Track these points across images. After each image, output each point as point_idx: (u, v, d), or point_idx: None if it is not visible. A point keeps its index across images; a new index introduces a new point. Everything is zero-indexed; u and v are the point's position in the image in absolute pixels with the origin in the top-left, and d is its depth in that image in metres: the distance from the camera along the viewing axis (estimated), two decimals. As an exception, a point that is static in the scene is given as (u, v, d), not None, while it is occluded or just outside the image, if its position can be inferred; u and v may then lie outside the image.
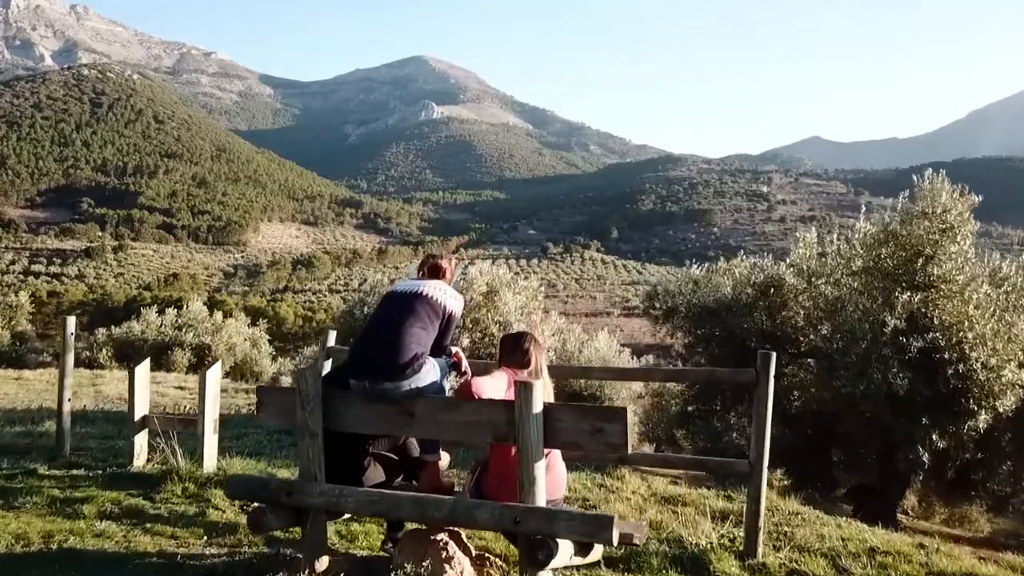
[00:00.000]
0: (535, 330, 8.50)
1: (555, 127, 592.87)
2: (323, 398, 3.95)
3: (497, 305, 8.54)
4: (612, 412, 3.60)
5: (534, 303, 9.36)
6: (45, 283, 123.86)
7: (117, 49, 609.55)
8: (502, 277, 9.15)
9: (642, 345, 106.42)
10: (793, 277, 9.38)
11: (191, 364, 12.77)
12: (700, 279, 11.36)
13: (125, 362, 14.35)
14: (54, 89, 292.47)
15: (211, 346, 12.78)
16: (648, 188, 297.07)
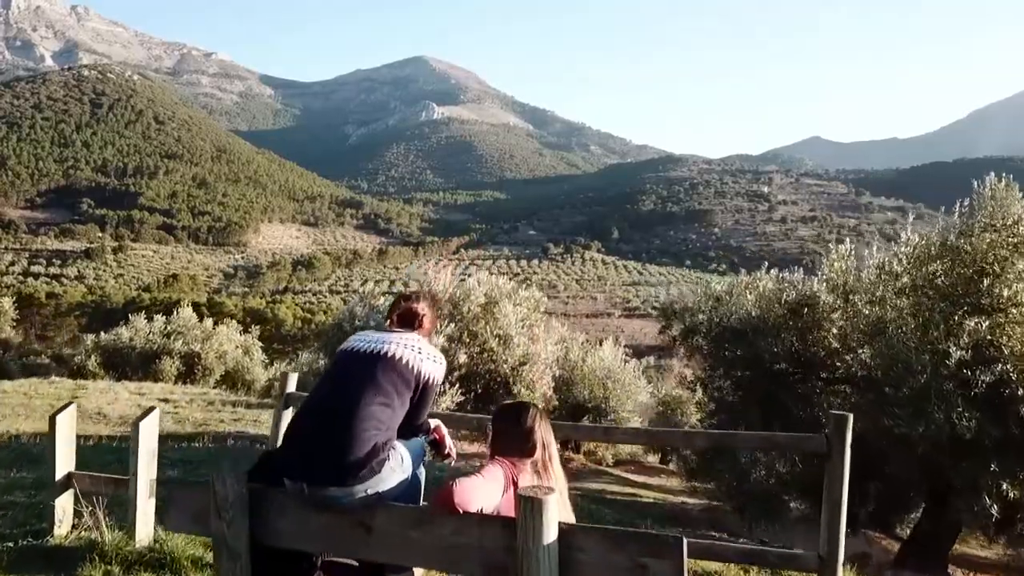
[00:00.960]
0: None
1: (555, 127, 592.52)
2: (250, 502, 2.89)
3: (497, 317, 8.03)
4: (661, 544, 2.49)
5: (536, 315, 8.84)
6: (44, 284, 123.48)
7: (118, 50, 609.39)
8: (502, 287, 8.64)
9: (643, 347, 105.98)
10: (827, 294, 8.50)
11: (180, 373, 12.33)
12: (722, 295, 10.37)
13: (114, 370, 13.91)
14: (54, 90, 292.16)
15: (200, 354, 12.32)
16: (649, 188, 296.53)
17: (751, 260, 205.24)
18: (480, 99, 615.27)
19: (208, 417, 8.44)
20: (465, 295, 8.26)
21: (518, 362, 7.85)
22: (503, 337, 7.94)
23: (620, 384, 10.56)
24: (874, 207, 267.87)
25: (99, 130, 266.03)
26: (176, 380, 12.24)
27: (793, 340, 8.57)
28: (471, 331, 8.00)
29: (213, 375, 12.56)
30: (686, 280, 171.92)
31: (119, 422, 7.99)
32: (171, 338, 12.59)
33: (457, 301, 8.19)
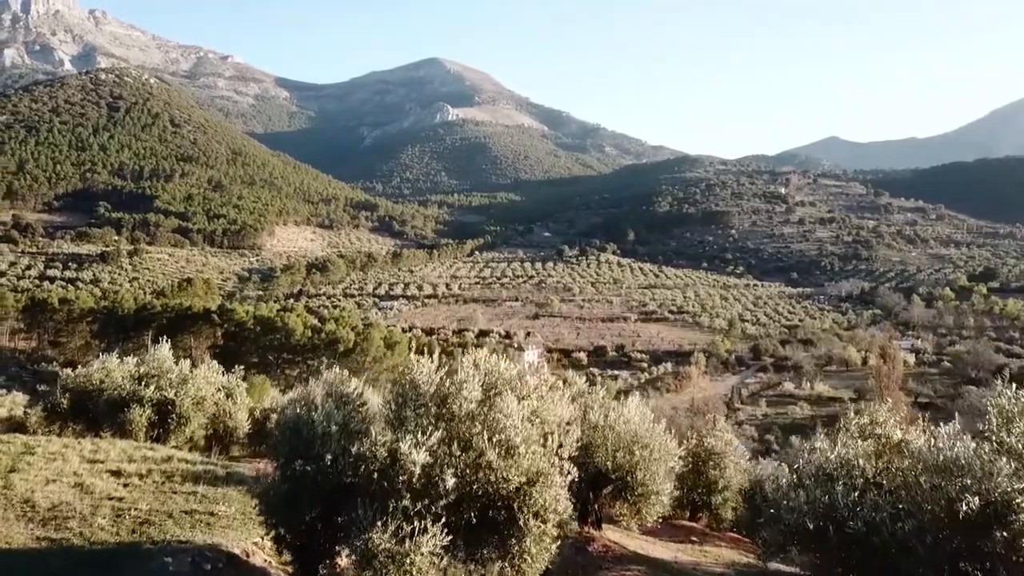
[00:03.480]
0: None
1: (570, 128, 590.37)
2: None
3: (498, 418, 6.38)
4: None
5: (559, 407, 7.12)
6: (60, 288, 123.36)
7: (135, 53, 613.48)
8: (503, 372, 6.97)
9: (660, 352, 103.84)
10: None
11: (152, 423, 10.93)
12: (835, 471, 7.15)
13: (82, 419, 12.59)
14: (72, 93, 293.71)
15: (175, 401, 10.92)
16: (664, 189, 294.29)
17: (768, 262, 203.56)
18: (495, 100, 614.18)
19: (156, 508, 7.08)
20: (456, 388, 6.63)
21: (526, 480, 6.18)
22: (505, 445, 6.27)
23: (649, 450, 9.03)
24: (893, 208, 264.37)
25: (116, 133, 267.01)
26: (149, 431, 10.85)
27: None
28: (463, 439, 6.32)
29: (190, 424, 11.16)
30: (703, 283, 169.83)
31: (47, 518, 6.64)
32: (142, 383, 11.19)
33: (445, 396, 6.60)
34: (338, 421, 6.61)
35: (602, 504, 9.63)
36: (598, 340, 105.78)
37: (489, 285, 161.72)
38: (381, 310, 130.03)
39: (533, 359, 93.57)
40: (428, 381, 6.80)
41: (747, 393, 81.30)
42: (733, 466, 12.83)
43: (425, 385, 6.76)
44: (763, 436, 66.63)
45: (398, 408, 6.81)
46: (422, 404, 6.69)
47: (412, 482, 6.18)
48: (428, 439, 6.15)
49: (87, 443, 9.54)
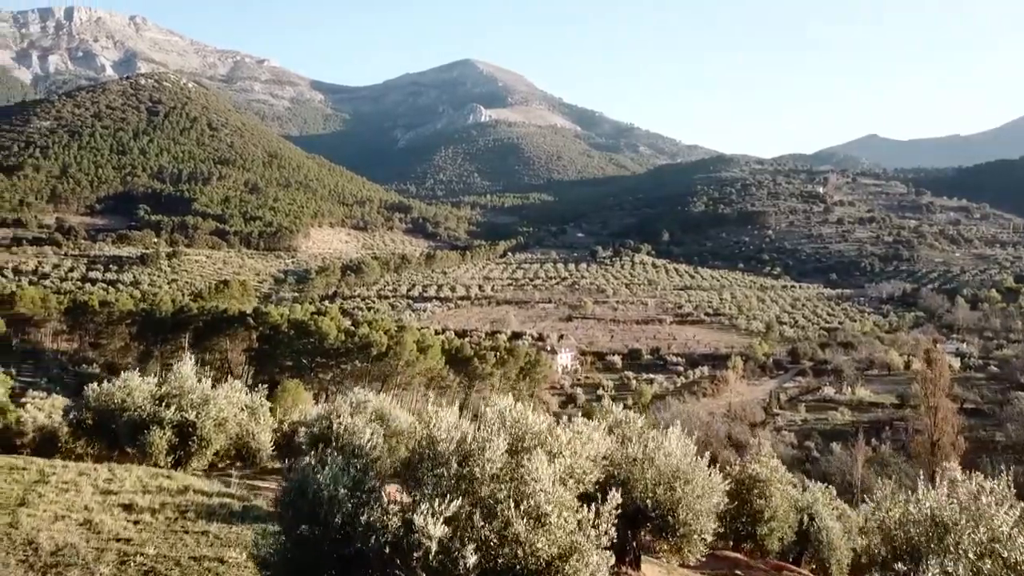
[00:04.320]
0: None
1: (603, 128, 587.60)
2: None
3: (525, 478, 5.65)
4: None
5: (588, 465, 6.41)
6: (101, 290, 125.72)
7: (174, 58, 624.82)
8: (532, 425, 6.23)
9: (696, 355, 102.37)
10: None
11: (172, 447, 10.56)
12: None
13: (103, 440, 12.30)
14: (113, 98, 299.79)
15: (196, 423, 10.54)
16: (699, 189, 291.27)
17: (806, 263, 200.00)
18: (527, 101, 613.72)
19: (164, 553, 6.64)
20: (478, 447, 5.92)
21: (558, 553, 5.42)
22: (535, 513, 5.50)
23: (692, 486, 8.36)
24: (935, 207, 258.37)
25: (155, 137, 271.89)
26: (169, 453, 10.48)
27: None
28: (486, 505, 5.58)
29: (211, 447, 10.77)
30: (740, 284, 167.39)
31: (49, 564, 6.23)
32: (163, 403, 10.84)
33: (467, 454, 5.89)
34: (347, 484, 6.01)
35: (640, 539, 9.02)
36: (633, 343, 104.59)
37: (522, 287, 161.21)
38: (414, 312, 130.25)
39: (566, 362, 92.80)
40: (447, 437, 6.18)
41: (786, 398, 79.68)
42: (779, 494, 12.12)
43: (444, 442, 6.14)
44: (803, 442, 65.16)
45: (414, 467, 6.25)
46: (441, 463, 6.08)
47: (428, 559, 5.54)
48: (446, 508, 5.48)
49: (103, 470, 9.19)
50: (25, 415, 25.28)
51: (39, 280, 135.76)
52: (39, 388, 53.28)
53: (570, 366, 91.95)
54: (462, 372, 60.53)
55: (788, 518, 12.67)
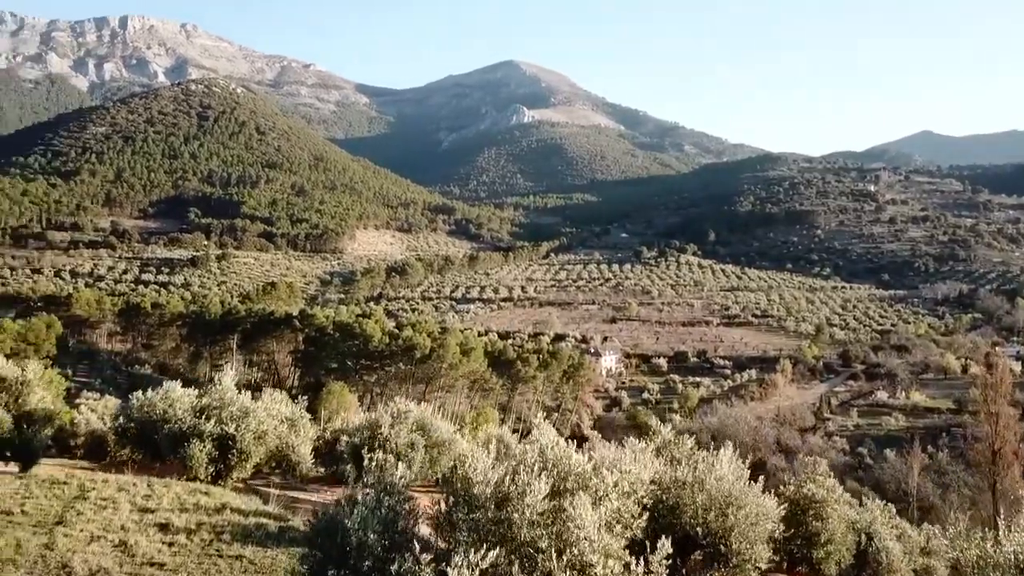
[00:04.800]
0: None
1: (647, 128, 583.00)
2: None
3: (568, 525, 5.17)
4: None
5: (637, 509, 5.90)
6: (153, 292, 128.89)
7: (223, 64, 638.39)
8: (575, 465, 5.73)
9: (744, 358, 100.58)
10: None
11: (212, 459, 10.47)
12: None
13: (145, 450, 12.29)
14: (165, 104, 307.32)
15: (235, 436, 10.43)
16: (746, 189, 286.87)
17: (857, 263, 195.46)
18: (570, 101, 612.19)
19: (196, 580, 6.48)
20: (517, 491, 5.68)
21: None
22: (579, 564, 5.03)
23: (745, 512, 7.86)
24: (993, 205, 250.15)
25: (205, 142, 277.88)
26: (208, 466, 10.39)
27: None
28: (525, 553, 5.25)
29: (250, 460, 10.65)
30: (788, 285, 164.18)
31: (81, 592, 6.12)
32: (203, 416, 10.76)
33: (505, 498, 5.47)
34: (376, 528, 5.65)
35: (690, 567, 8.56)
36: (678, 345, 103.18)
37: (565, 288, 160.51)
38: (458, 313, 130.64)
39: (611, 365, 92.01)
40: (484, 480, 5.81)
41: (837, 402, 77.73)
42: (836, 515, 11.51)
43: (480, 485, 5.76)
44: (855, 448, 63.47)
45: (448, 511, 5.89)
46: (477, 507, 5.71)
47: (463, 614, 5.13)
48: (482, 559, 5.09)
49: (142, 486, 9.12)
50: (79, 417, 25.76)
51: (95, 282, 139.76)
52: (93, 389, 54.65)
53: (614, 369, 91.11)
54: (505, 375, 60.30)
55: (846, 540, 12.06)
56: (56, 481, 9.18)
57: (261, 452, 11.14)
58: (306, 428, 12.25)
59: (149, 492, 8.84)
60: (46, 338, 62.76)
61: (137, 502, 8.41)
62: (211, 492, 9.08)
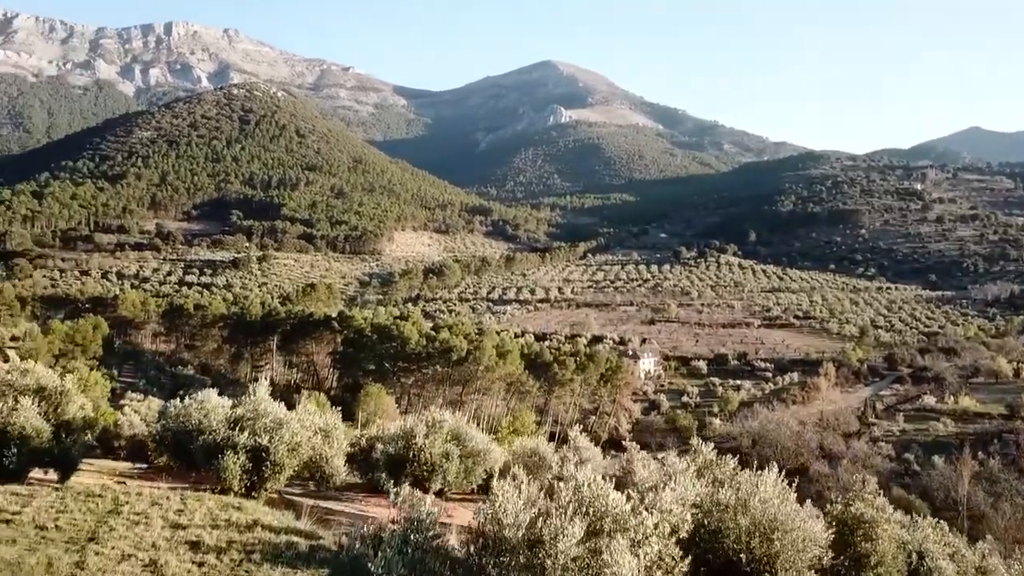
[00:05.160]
0: None
1: (686, 126, 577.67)
2: None
3: (605, 572, 4.74)
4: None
5: (678, 552, 5.52)
6: (196, 293, 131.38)
7: (264, 68, 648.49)
8: (612, 505, 5.36)
9: (785, 360, 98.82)
10: None
11: (245, 471, 10.41)
12: None
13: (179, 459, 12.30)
14: (208, 109, 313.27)
15: (269, 447, 10.37)
16: (788, 188, 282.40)
17: (903, 263, 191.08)
18: (608, 101, 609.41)
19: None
20: (551, 534, 5.32)
21: None
22: None
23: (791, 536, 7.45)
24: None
25: (247, 145, 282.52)
26: (242, 477, 10.34)
27: None
28: None
29: (284, 472, 10.58)
30: (831, 286, 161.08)
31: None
32: (236, 427, 10.73)
33: (537, 540, 5.16)
34: (402, 573, 5.41)
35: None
36: (718, 347, 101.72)
37: (602, 289, 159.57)
38: (494, 314, 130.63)
39: (649, 367, 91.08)
40: (515, 523, 5.51)
41: (882, 407, 75.77)
42: (887, 536, 10.99)
43: (511, 528, 5.46)
44: (901, 454, 61.77)
45: (478, 554, 5.63)
46: (507, 550, 5.44)
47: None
48: None
49: (175, 499, 9.06)
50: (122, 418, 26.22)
51: (140, 284, 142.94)
52: (137, 390, 55.74)
53: (653, 371, 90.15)
54: (541, 377, 60.01)
55: (896, 562, 11.56)
56: (91, 494, 9.18)
57: (295, 463, 11.06)
58: (340, 439, 12.14)
59: (182, 507, 8.77)
60: (93, 339, 64.26)
61: (169, 517, 8.35)
62: (243, 507, 9.00)
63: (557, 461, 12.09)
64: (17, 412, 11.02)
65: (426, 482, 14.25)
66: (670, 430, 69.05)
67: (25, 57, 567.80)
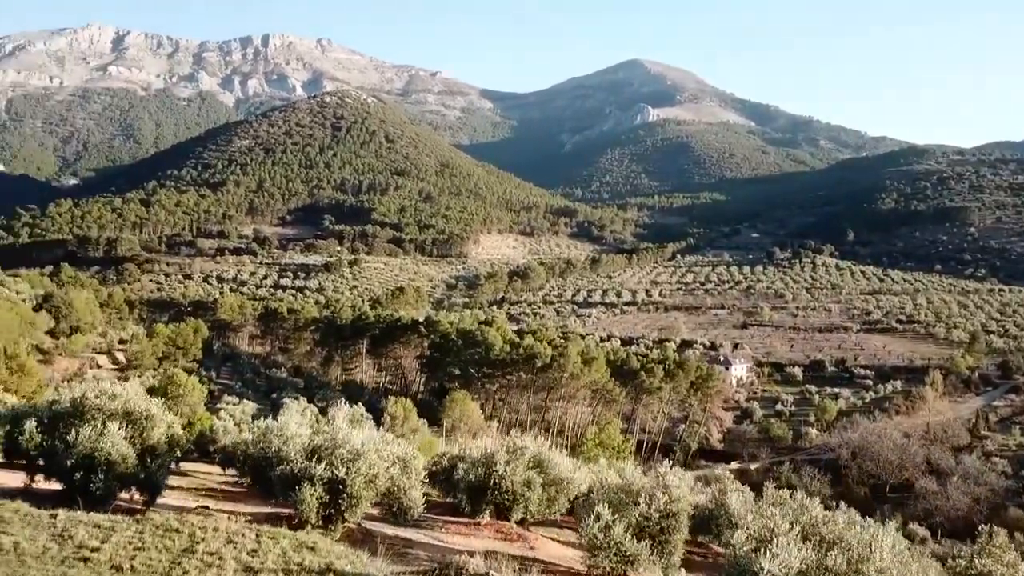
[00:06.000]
0: None
1: (779, 123, 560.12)
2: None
3: None
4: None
5: None
6: (291, 297, 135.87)
7: (355, 75, 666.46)
8: None
9: (887, 367, 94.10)
10: None
11: (322, 503, 10.16)
12: None
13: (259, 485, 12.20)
14: (301, 117, 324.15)
15: (346, 480, 10.08)
16: (888, 185, 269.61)
17: (1017, 264, 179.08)
18: (697, 98, 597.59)
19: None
20: None
21: None
22: None
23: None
24: None
25: (339, 151, 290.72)
26: (318, 511, 10.09)
27: None
28: None
29: (360, 505, 10.28)
30: (937, 288, 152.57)
31: None
32: (314, 458, 10.49)
33: None
34: None
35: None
36: (815, 353, 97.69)
37: (692, 291, 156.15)
38: (579, 318, 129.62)
39: (741, 374, 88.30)
40: None
41: (996, 418, 71.06)
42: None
43: None
44: (1018, 471, 57.68)
45: None
46: None
47: None
48: None
49: (250, 537, 8.85)
50: (217, 424, 26.92)
51: (238, 287, 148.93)
52: (233, 392, 57.65)
53: (745, 378, 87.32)
54: (628, 385, 58.85)
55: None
56: (169, 528, 9.07)
57: (371, 496, 10.75)
58: (418, 469, 11.77)
59: (256, 546, 8.54)
60: (193, 342, 66.98)
61: (242, 559, 8.12)
62: (318, 548, 8.69)
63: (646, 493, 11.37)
64: (104, 437, 11.12)
65: (507, 511, 13.79)
66: (763, 440, 66.65)
67: (135, 72, 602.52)
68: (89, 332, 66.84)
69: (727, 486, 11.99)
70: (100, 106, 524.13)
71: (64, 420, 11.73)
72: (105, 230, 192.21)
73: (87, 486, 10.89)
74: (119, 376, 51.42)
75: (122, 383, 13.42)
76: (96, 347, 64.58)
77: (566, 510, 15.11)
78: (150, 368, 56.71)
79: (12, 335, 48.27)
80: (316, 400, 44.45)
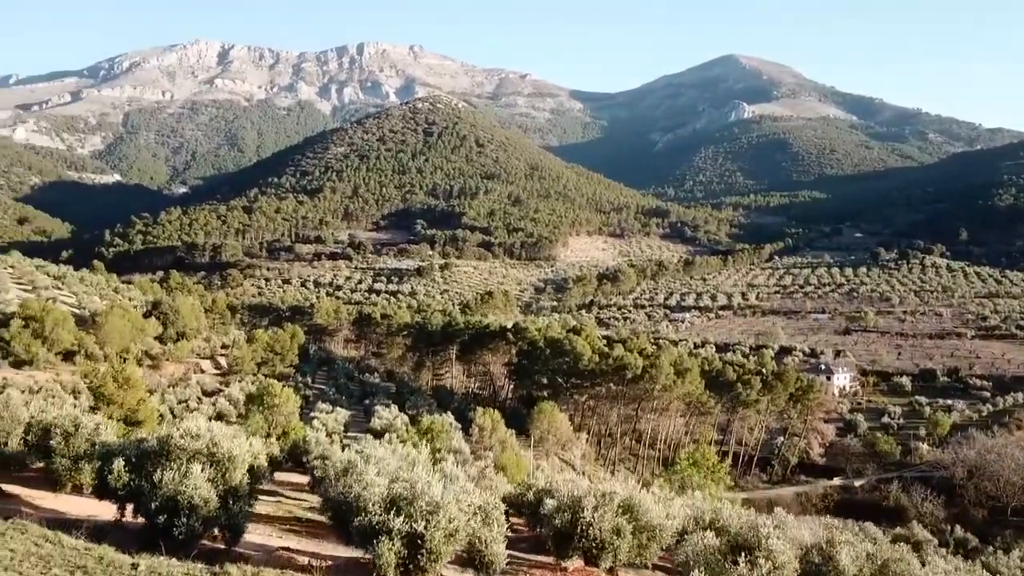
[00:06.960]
0: None
1: (883, 116, 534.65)
2: None
3: None
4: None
5: None
6: (384, 301, 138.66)
7: (446, 80, 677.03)
8: None
9: (1008, 378, 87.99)
10: None
11: (401, 559, 9.74)
12: None
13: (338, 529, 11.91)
14: (394, 123, 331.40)
15: (424, 534, 9.63)
16: (1007, 179, 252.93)
17: None
18: (795, 93, 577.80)
19: None
20: None
21: None
22: None
23: None
24: None
25: (430, 156, 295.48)
26: (397, 566, 9.68)
27: None
28: None
29: (440, 560, 9.81)
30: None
31: None
32: (392, 510, 10.08)
33: None
34: None
35: None
36: (925, 361, 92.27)
37: (791, 294, 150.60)
38: (672, 322, 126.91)
39: (844, 383, 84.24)
40: None
41: None
42: None
43: None
44: None
45: None
46: None
47: None
48: None
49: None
50: (310, 435, 27.27)
51: (334, 291, 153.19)
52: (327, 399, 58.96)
53: (848, 388, 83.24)
54: (723, 396, 56.87)
55: None
56: None
57: (451, 551, 10.26)
58: (500, 521, 11.19)
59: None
60: (290, 348, 68.93)
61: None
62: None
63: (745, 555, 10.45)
64: (188, 479, 11.05)
65: (595, 559, 13.14)
66: (868, 455, 63.20)
67: (239, 84, 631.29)
68: (194, 337, 69.72)
69: (835, 536, 10.93)
70: (207, 117, 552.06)
71: (151, 459, 11.78)
72: (211, 237, 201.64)
73: (170, 528, 10.89)
74: (220, 381, 53.51)
75: (213, 411, 13.41)
76: (200, 352, 67.29)
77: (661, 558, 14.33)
78: (249, 373, 58.64)
79: (124, 342, 50.87)
80: (407, 407, 44.71)
